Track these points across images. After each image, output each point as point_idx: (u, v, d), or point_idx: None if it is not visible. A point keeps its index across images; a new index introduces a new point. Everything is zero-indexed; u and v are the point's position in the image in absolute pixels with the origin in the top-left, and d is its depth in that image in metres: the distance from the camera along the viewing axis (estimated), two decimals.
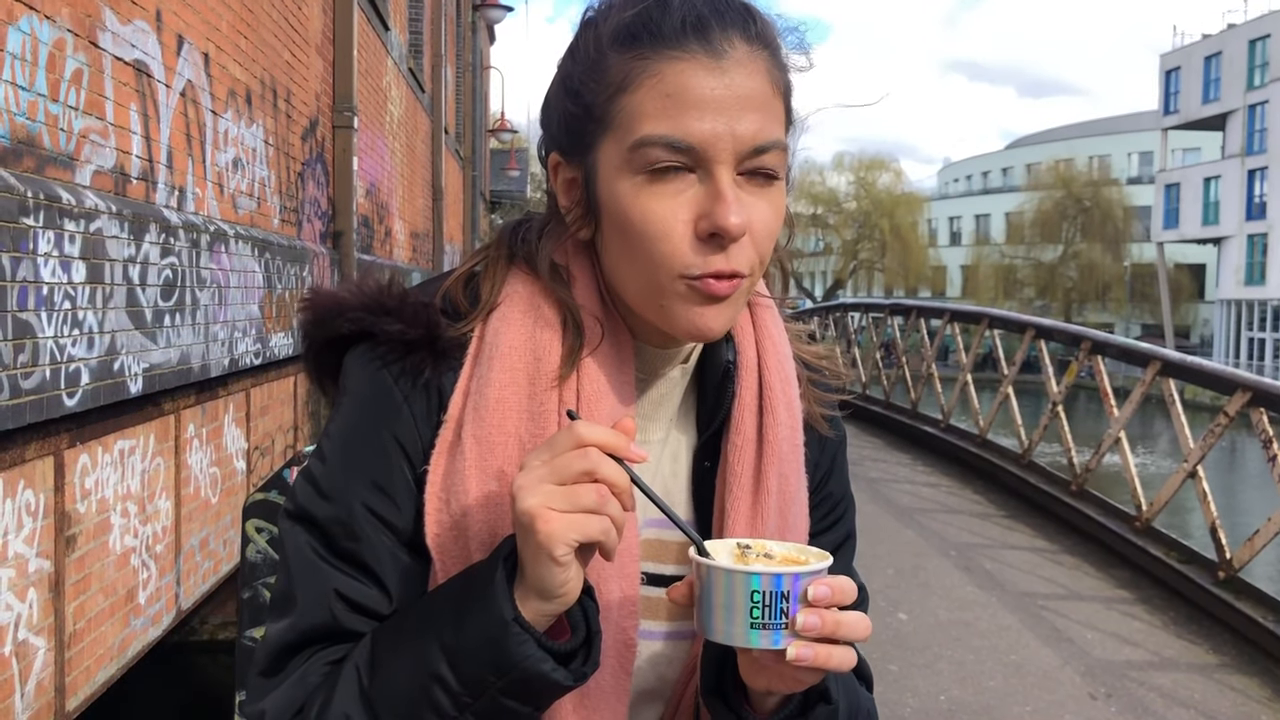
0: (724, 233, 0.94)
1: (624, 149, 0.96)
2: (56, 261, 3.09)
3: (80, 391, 3.26)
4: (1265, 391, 6.08)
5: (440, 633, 0.92)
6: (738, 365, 1.10)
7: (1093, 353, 8.25)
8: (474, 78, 20.36)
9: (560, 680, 0.91)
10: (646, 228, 0.96)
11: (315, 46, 7.07)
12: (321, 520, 1.01)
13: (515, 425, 1.00)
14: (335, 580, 0.99)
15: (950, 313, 12.09)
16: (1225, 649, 5.30)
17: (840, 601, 0.92)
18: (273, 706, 0.98)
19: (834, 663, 0.92)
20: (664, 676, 1.09)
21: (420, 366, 1.02)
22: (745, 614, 0.91)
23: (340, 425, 1.04)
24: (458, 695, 0.90)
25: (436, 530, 1.00)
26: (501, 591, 0.90)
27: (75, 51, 3.39)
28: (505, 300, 1.05)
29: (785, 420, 1.10)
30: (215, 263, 4.61)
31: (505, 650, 0.89)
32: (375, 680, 0.93)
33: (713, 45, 0.94)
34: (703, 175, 0.95)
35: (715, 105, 0.94)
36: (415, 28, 12.58)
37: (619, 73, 0.96)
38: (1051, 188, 53.97)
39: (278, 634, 1.01)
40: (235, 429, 5.21)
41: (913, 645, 5.08)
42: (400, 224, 11.09)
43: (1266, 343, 45.24)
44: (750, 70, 0.95)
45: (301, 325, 1.09)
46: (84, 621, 3.47)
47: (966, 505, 8.40)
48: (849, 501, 1.23)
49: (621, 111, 0.96)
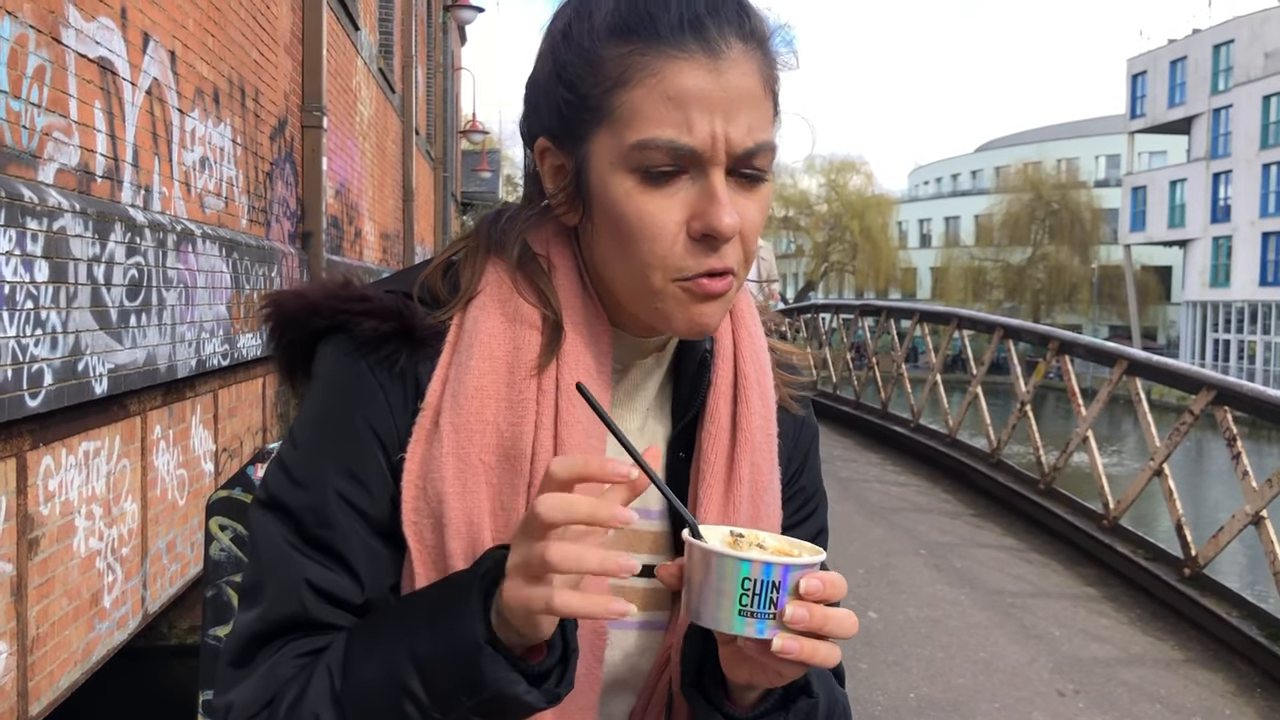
0: (718, 235, 0.95)
1: (622, 146, 0.95)
2: (18, 260, 3.05)
3: (43, 392, 3.22)
4: (1229, 390, 6.16)
5: (413, 644, 0.91)
6: (715, 354, 1.11)
7: (1060, 352, 8.33)
8: (445, 79, 20.29)
9: (532, 703, 0.90)
10: (641, 229, 0.96)
11: (284, 45, 7.02)
12: (293, 508, 1.00)
13: (494, 413, 1.00)
14: (306, 569, 0.98)
15: (920, 313, 12.16)
16: (1191, 644, 5.36)
17: (831, 597, 0.92)
18: (240, 699, 0.96)
19: (819, 657, 0.91)
20: (636, 667, 1.09)
21: (395, 355, 1.01)
22: (734, 600, 0.91)
23: (313, 412, 1.03)
24: (427, 710, 0.90)
25: (414, 518, 0.99)
26: (476, 611, 0.90)
27: (38, 48, 3.35)
28: (484, 289, 1.04)
29: (759, 410, 1.11)
30: (182, 262, 4.57)
31: (478, 670, 0.88)
32: (347, 684, 0.93)
33: (710, 45, 0.94)
34: (696, 175, 0.96)
35: (713, 107, 0.94)
36: (385, 28, 12.52)
37: (616, 66, 0.95)
38: (1020, 190, 54.45)
39: (247, 624, 0.99)
40: (203, 430, 5.16)
41: (882, 643, 5.11)
42: (370, 225, 11.03)
43: (1231, 344, 45.84)
44: (745, 70, 0.95)
45: (270, 324, 1.07)
46: (47, 625, 3.42)
47: (936, 504, 8.45)
48: (821, 496, 1.24)
49: (620, 107, 0.95)
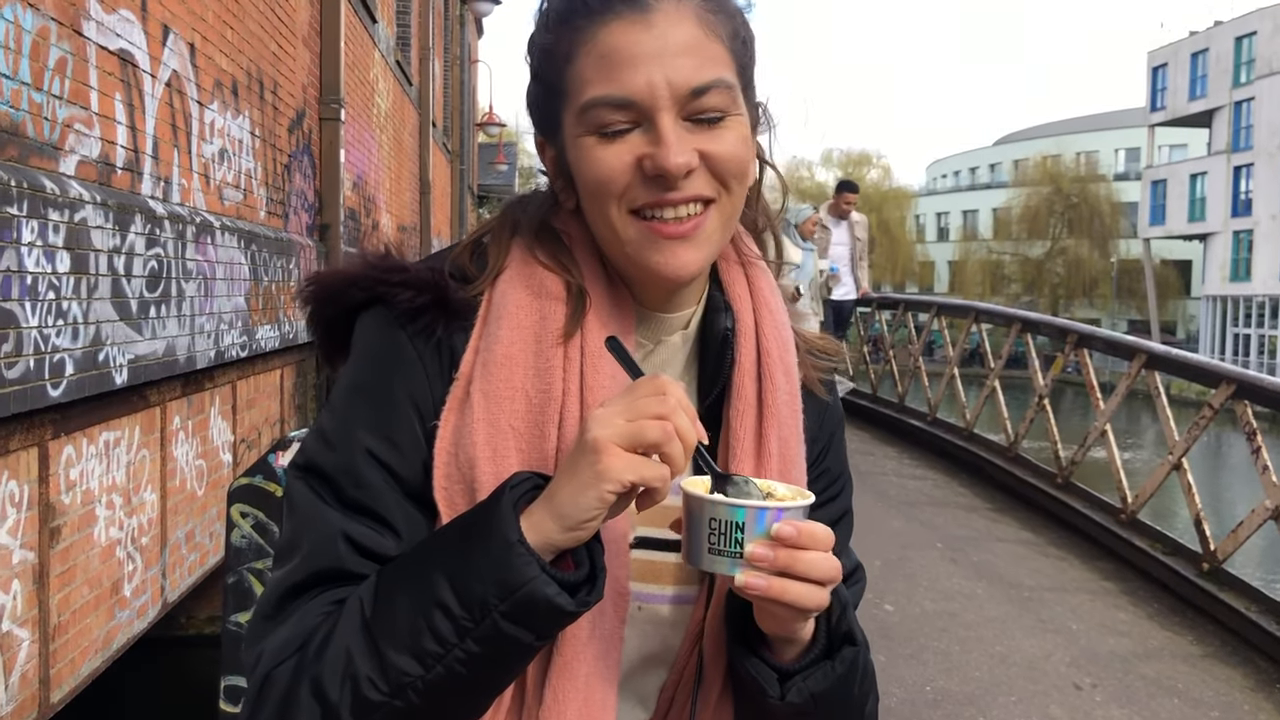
0: (666, 173, 0.99)
1: (575, 114, 1.02)
2: (40, 251, 3.08)
3: (65, 382, 3.24)
4: (1250, 384, 6.11)
5: (444, 561, 0.94)
6: (736, 332, 1.13)
7: (1078, 346, 8.28)
8: (462, 71, 20.30)
9: (563, 606, 0.91)
10: (597, 175, 1.01)
11: (302, 38, 7.04)
12: (329, 470, 1.02)
13: (522, 380, 1.03)
14: (343, 524, 1.00)
15: (938, 306, 12.12)
16: (1209, 639, 5.33)
17: (805, 545, 0.94)
18: (271, 645, 0.98)
19: (790, 596, 0.94)
20: (667, 640, 1.11)
21: (433, 326, 1.05)
22: (704, 540, 0.95)
23: (351, 379, 1.06)
24: (459, 619, 0.91)
25: (445, 484, 1.02)
26: (508, 515, 0.92)
27: (59, 40, 3.37)
28: (511, 264, 1.09)
29: (784, 385, 1.14)
30: (201, 254, 4.59)
31: (510, 570, 0.90)
32: (377, 611, 0.94)
33: (638, 2, 0.99)
34: (647, 126, 1.00)
35: (645, 57, 0.98)
36: (403, 20, 12.54)
37: (563, 47, 1.02)
38: (1039, 184, 54.15)
39: (281, 578, 1.01)
40: (221, 421, 5.19)
41: (899, 636, 5.10)
42: (387, 217, 11.06)
43: (1251, 338, 45.49)
44: (677, 18, 1.00)
45: (309, 303, 1.11)
46: (68, 613, 3.45)
47: (953, 498, 8.43)
48: (846, 479, 1.26)
49: (570, 81, 1.02)
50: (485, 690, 0.96)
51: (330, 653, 0.93)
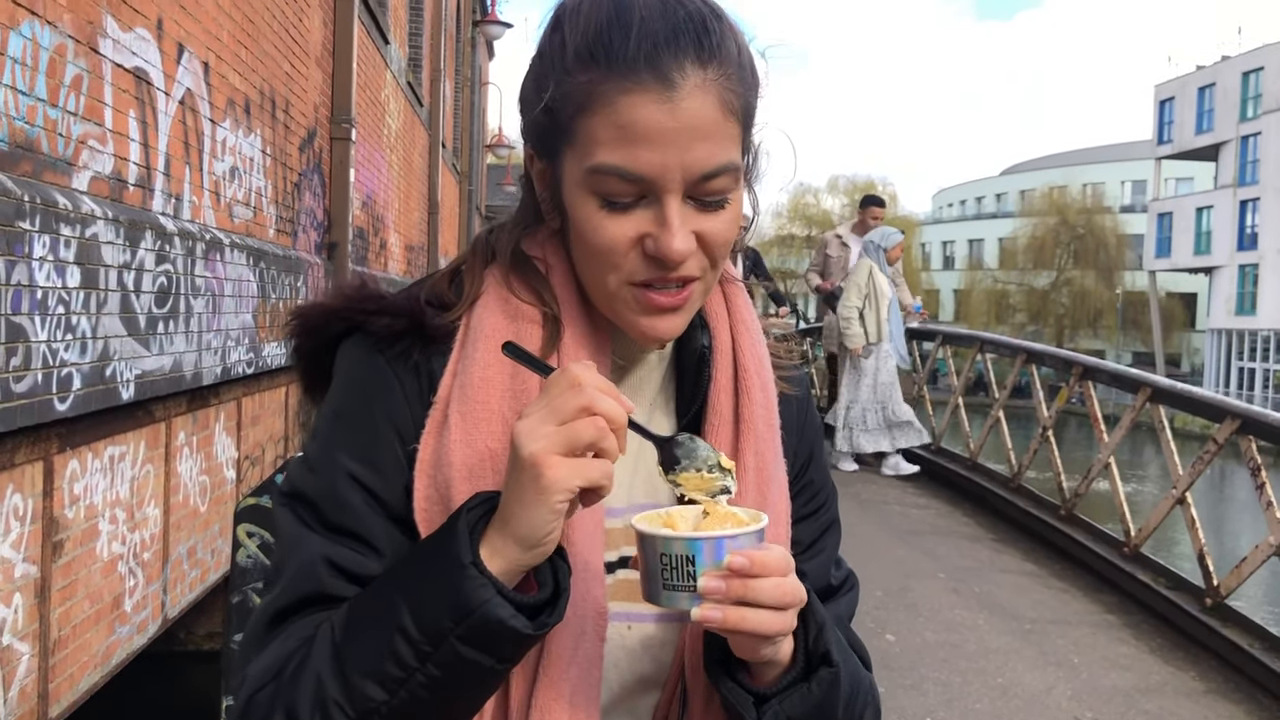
0: (667, 260, 0.99)
1: (582, 169, 1.00)
2: (51, 266, 3.10)
3: (72, 396, 3.26)
4: (1254, 419, 6.10)
5: (404, 585, 0.94)
6: (713, 349, 1.14)
7: (1083, 378, 8.27)
8: (472, 93, 20.42)
9: (519, 628, 0.91)
10: (599, 245, 1.01)
11: (315, 58, 7.09)
12: (311, 495, 1.04)
13: (499, 403, 1.04)
14: (324, 548, 1.01)
15: (943, 335, 12.12)
16: (1212, 675, 5.30)
17: (760, 574, 0.93)
18: (254, 672, 0.99)
19: (749, 626, 0.93)
20: (659, 660, 1.10)
21: (410, 350, 1.06)
22: (659, 576, 0.94)
23: (333, 406, 1.08)
24: (418, 644, 0.91)
25: (425, 505, 1.02)
26: (461, 537, 0.92)
27: (76, 57, 3.40)
28: (487, 291, 1.09)
29: (760, 400, 1.14)
30: (210, 271, 4.61)
31: (462, 594, 0.90)
32: (345, 637, 0.95)
33: (664, 75, 0.96)
34: (652, 200, 0.99)
35: (664, 138, 0.96)
36: (415, 42, 12.63)
37: (580, 93, 0.99)
38: (1045, 214, 54.26)
39: (267, 602, 1.03)
40: (226, 437, 5.20)
41: (899, 666, 5.08)
42: (395, 236, 11.10)
43: (1256, 372, 45.43)
44: (701, 100, 0.97)
45: (294, 336, 1.13)
46: (69, 628, 3.45)
47: (956, 527, 8.40)
48: (830, 489, 1.26)
49: (580, 132, 0.99)
50: (456, 713, 0.97)
51: (304, 678, 0.95)
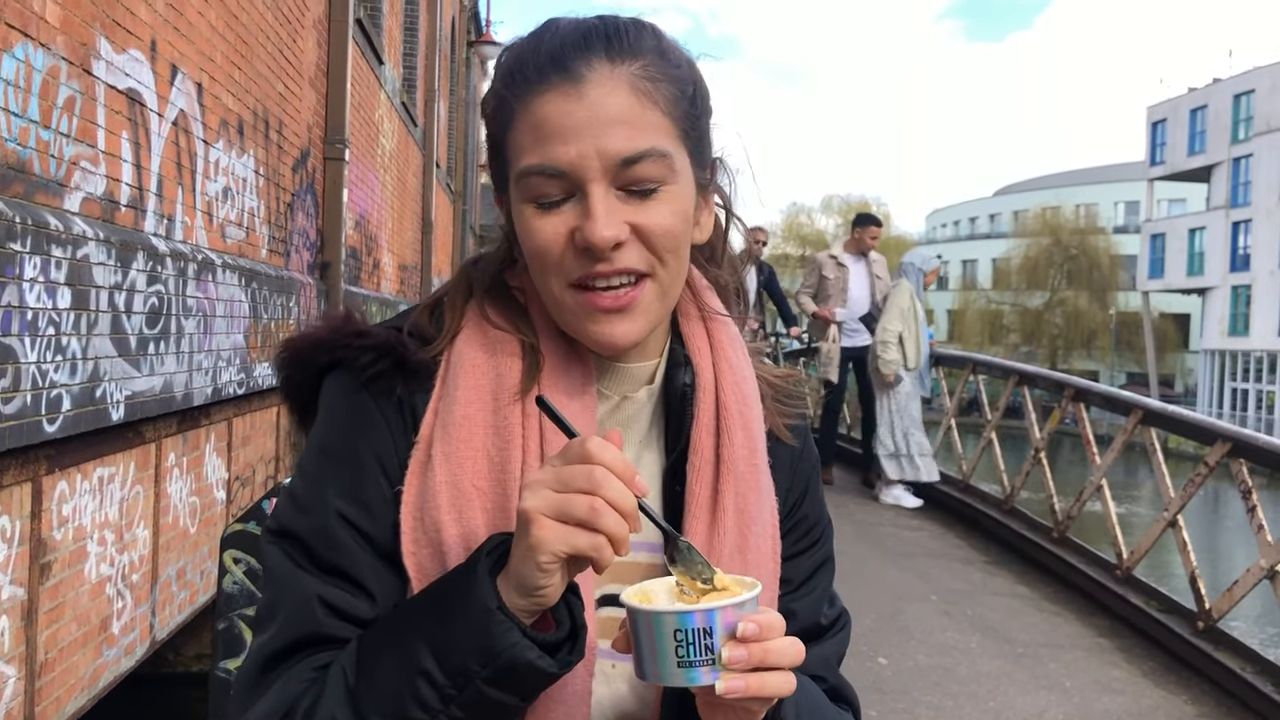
0: (593, 246, 0.99)
1: (515, 180, 1.03)
2: (42, 286, 3.09)
3: (61, 418, 3.24)
4: (1245, 442, 6.11)
5: (424, 628, 0.94)
6: (695, 387, 1.13)
7: (1076, 400, 8.29)
8: (467, 113, 20.46)
9: (545, 668, 0.92)
10: (536, 245, 1.02)
11: (309, 79, 7.11)
12: (301, 534, 1.03)
13: (482, 440, 1.04)
14: (318, 588, 1.01)
15: (935, 356, 12.12)
16: (1204, 699, 5.28)
17: (769, 638, 0.93)
18: (256, 715, 0.98)
19: (769, 689, 0.93)
20: (643, 698, 1.10)
21: (392, 385, 1.06)
22: (670, 653, 0.92)
23: (319, 442, 1.07)
24: (443, 688, 0.91)
25: (413, 548, 1.02)
26: (484, 581, 0.92)
27: (69, 79, 3.41)
28: (467, 325, 1.10)
29: (742, 441, 1.13)
30: (202, 291, 4.61)
31: (490, 637, 0.90)
32: (361, 680, 0.94)
33: (570, 72, 0.99)
34: (580, 196, 1.00)
35: (576, 128, 0.99)
36: (409, 62, 12.66)
37: (506, 111, 1.03)
38: (1038, 235, 54.43)
39: (261, 645, 1.02)
40: (216, 458, 5.18)
41: (891, 690, 5.06)
42: (389, 256, 11.11)
43: (1249, 393, 45.53)
44: (610, 88, 0.99)
45: (283, 369, 1.13)
46: (56, 650, 3.43)
47: (949, 549, 8.39)
48: (826, 524, 1.25)
49: (510, 146, 1.04)
50: None
51: None
